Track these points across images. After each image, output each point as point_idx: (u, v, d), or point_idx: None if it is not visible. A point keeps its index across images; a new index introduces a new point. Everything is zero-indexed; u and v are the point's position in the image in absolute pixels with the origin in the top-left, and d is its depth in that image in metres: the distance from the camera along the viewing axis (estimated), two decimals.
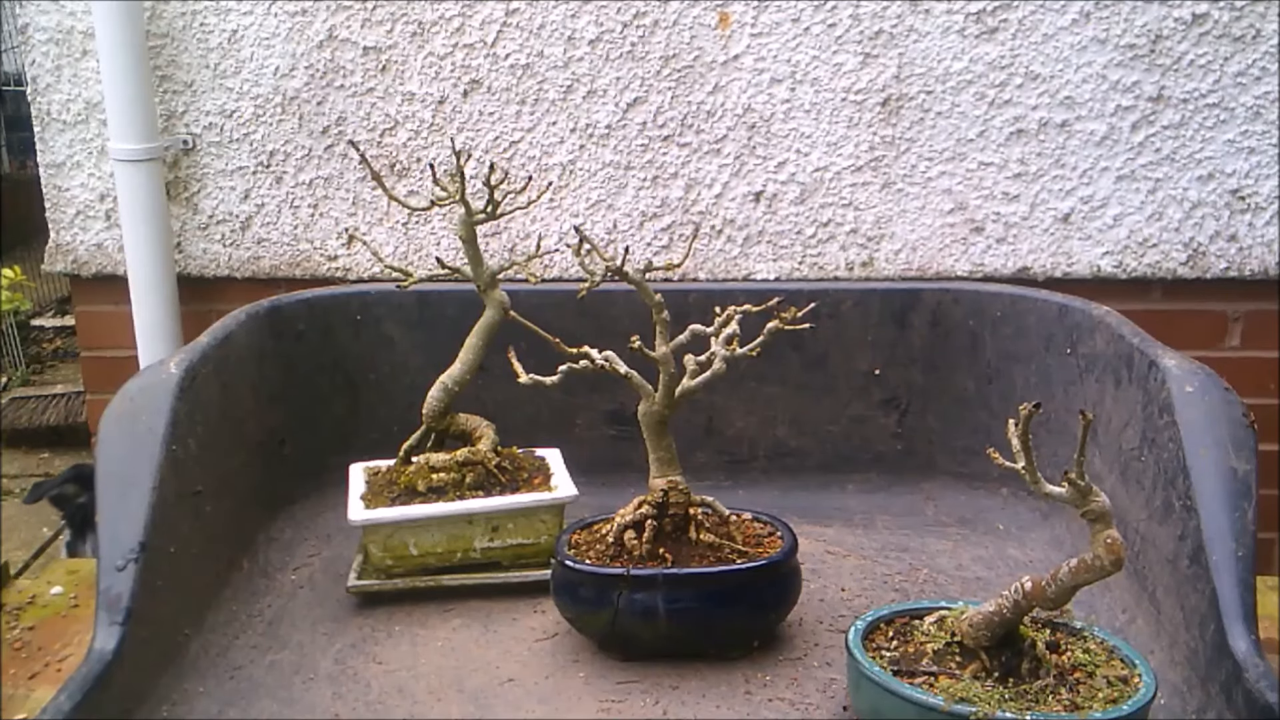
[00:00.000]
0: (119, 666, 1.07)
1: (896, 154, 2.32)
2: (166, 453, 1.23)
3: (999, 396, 1.52)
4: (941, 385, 1.56)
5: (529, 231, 2.39)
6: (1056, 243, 2.33)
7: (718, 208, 2.36)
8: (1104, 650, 1.02)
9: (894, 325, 1.57)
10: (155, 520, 1.17)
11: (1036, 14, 2.23)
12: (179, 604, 1.23)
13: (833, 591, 1.31)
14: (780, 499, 1.51)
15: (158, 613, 1.16)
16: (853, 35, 2.26)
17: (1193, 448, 1.13)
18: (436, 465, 1.31)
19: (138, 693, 1.11)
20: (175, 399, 1.27)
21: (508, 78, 2.33)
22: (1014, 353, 1.52)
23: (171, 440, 1.24)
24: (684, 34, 2.28)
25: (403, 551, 1.29)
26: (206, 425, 1.33)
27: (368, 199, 2.41)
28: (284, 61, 2.34)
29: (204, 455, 1.31)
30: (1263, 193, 2.29)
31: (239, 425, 1.44)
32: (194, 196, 2.44)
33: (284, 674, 1.20)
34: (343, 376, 1.55)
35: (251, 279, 2.47)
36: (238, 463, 1.43)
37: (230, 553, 1.39)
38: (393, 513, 1.29)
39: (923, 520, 1.49)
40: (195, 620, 1.26)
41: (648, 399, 1.15)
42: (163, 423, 1.23)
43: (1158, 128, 2.27)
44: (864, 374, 1.58)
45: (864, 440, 1.59)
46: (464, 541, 1.29)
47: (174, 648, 1.20)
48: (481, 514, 1.29)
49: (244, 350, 1.50)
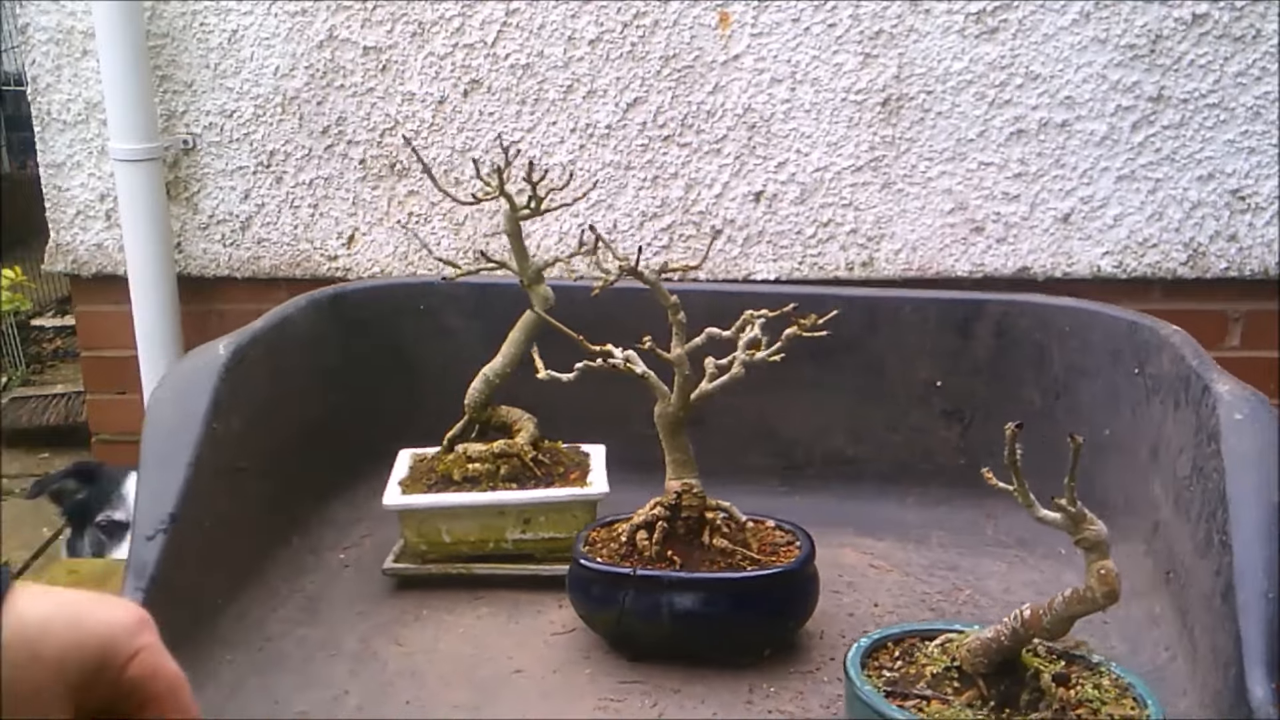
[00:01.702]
0: None
1: (896, 154, 2.32)
2: (206, 430, 1.25)
3: (1065, 412, 1.45)
4: (1006, 398, 1.48)
5: (528, 231, 2.39)
6: (1057, 243, 2.33)
7: (718, 208, 2.36)
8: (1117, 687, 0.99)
9: (956, 335, 1.51)
10: (188, 494, 1.20)
11: (1036, 14, 2.23)
12: (213, 575, 1.26)
13: (865, 607, 1.28)
14: (836, 508, 1.46)
15: (187, 582, 1.19)
16: (853, 35, 2.27)
17: (1234, 478, 1.08)
18: (473, 455, 1.33)
19: None
20: (219, 379, 1.30)
21: (508, 78, 2.33)
22: (1081, 368, 1.46)
23: (213, 419, 1.26)
24: (684, 34, 2.29)
25: (436, 538, 1.31)
26: (254, 406, 1.36)
27: (368, 199, 2.41)
28: (284, 61, 2.34)
29: (249, 434, 1.34)
30: (1263, 193, 2.29)
31: (293, 408, 1.46)
32: (194, 196, 2.44)
33: (309, 649, 1.22)
34: (404, 365, 1.55)
35: (252, 279, 2.47)
36: (290, 444, 1.44)
37: (279, 530, 1.41)
38: (423, 499, 1.30)
39: (980, 539, 1.42)
40: (233, 592, 1.29)
41: (663, 400, 1.14)
42: (205, 402, 1.27)
43: (1158, 128, 2.27)
44: (924, 383, 1.52)
45: (925, 452, 1.52)
46: (496, 532, 1.31)
47: (206, 617, 1.23)
48: (513, 506, 1.30)
49: (303, 335, 1.52)
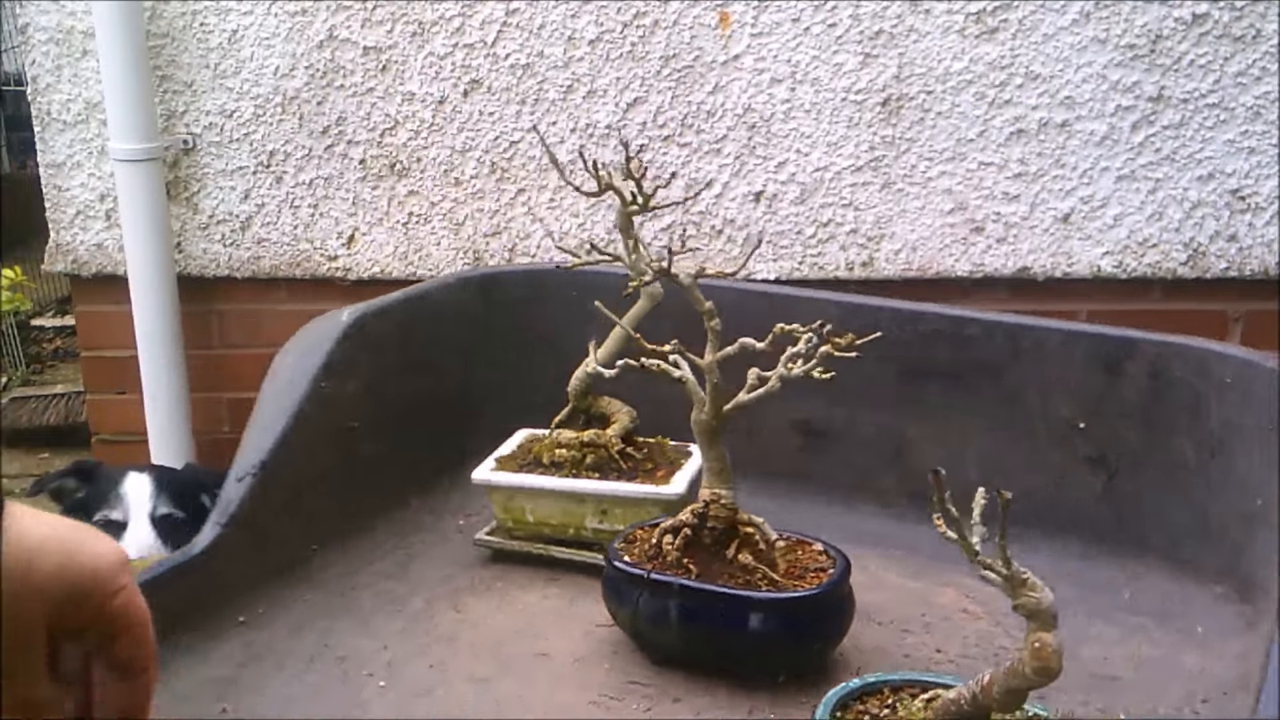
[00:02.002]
0: (208, 560, 1.22)
1: (896, 154, 2.32)
2: (313, 389, 1.34)
3: (1220, 472, 1.30)
4: (1156, 448, 1.34)
5: (528, 231, 2.40)
6: (1056, 243, 2.33)
7: (718, 208, 2.36)
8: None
9: (1104, 373, 1.37)
10: (282, 445, 1.30)
11: (1036, 14, 2.23)
12: (308, 522, 1.34)
13: (926, 651, 1.21)
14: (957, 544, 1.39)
15: (274, 525, 1.28)
16: (853, 35, 2.27)
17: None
18: (562, 441, 1.37)
19: (225, 586, 1.24)
20: (335, 343, 1.39)
21: (508, 78, 2.33)
22: (1239, 425, 1.30)
23: (322, 379, 1.36)
24: (684, 34, 2.28)
25: (521, 517, 1.35)
26: (377, 372, 1.44)
27: (367, 199, 2.41)
28: (284, 61, 2.34)
29: (368, 398, 1.42)
30: (1263, 193, 2.29)
31: (427, 379, 1.53)
32: (194, 196, 2.44)
33: (381, 602, 1.29)
34: (548, 347, 1.58)
35: (252, 279, 2.47)
36: (420, 412, 1.51)
37: (397, 490, 1.48)
38: (504, 477, 1.35)
39: (1109, 602, 1.29)
40: (332, 539, 1.36)
41: (699, 407, 1.13)
42: (316, 362, 1.36)
43: (1158, 128, 2.27)
44: (1066, 422, 1.39)
45: (1065, 499, 1.38)
46: (576, 519, 1.34)
47: (296, 559, 1.32)
48: (591, 495, 1.33)
49: (444, 312, 1.58)
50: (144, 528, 2.06)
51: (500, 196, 2.39)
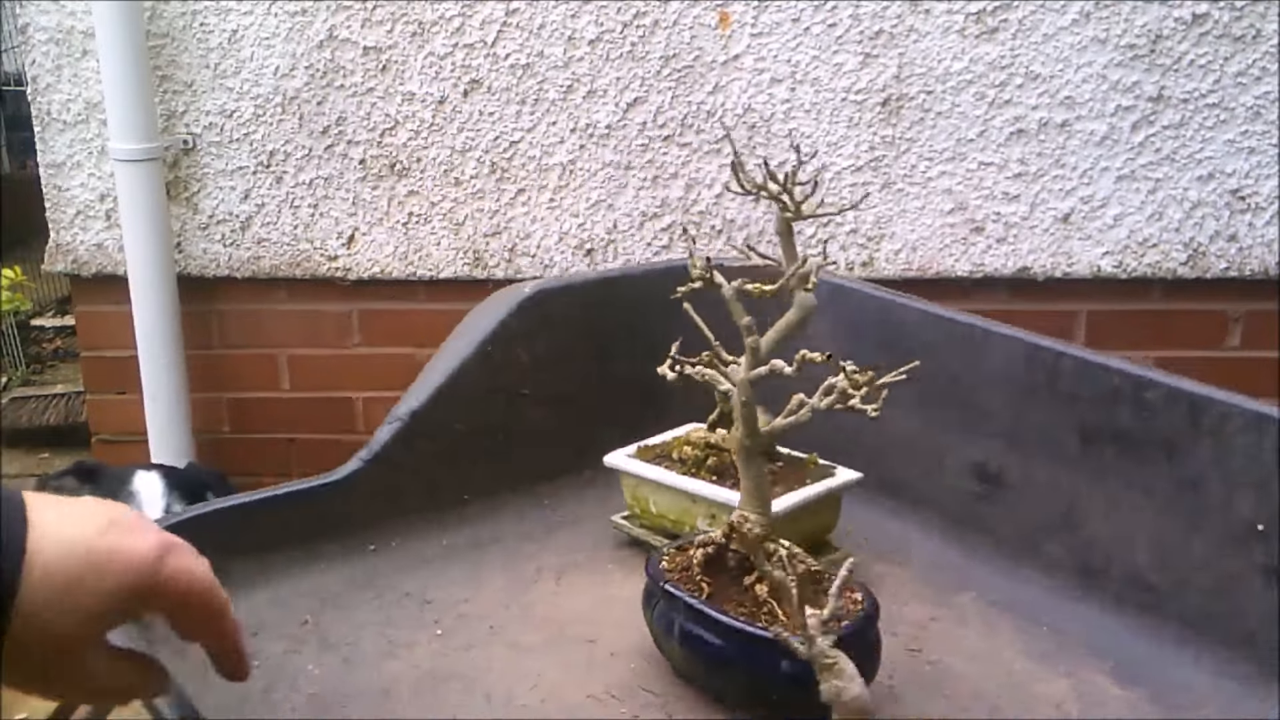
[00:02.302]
0: (346, 489, 1.29)
1: (896, 154, 2.32)
2: (479, 351, 1.40)
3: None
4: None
5: (528, 231, 2.40)
6: (1056, 243, 2.33)
7: (718, 208, 2.37)
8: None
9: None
10: (436, 400, 1.37)
11: (1036, 14, 2.23)
12: (461, 474, 1.40)
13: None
14: (1128, 641, 1.19)
15: (422, 470, 1.36)
16: (853, 35, 2.27)
17: None
18: (692, 439, 1.37)
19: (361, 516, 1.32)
20: (509, 312, 1.44)
21: (508, 78, 2.33)
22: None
23: (489, 343, 1.41)
24: (684, 34, 2.29)
25: (646, 506, 1.36)
26: (554, 346, 1.49)
27: (367, 199, 2.41)
28: (284, 61, 2.34)
29: (542, 368, 1.48)
30: (1263, 193, 2.29)
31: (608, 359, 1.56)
32: (194, 196, 2.44)
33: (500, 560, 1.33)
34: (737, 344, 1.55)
35: (252, 279, 2.47)
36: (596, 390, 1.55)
37: (564, 461, 1.51)
38: (629, 464, 1.36)
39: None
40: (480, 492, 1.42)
41: (735, 423, 1.12)
42: (487, 326, 1.41)
43: (1158, 128, 2.27)
44: (1245, 523, 1.19)
45: (1234, 611, 1.19)
46: (690, 517, 1.33)
47: (444, 506, 1.38)
48: (701, 497, 1.31)
49: (637, 297, 1.58)
50: None
51: (500, 196, 2.39)
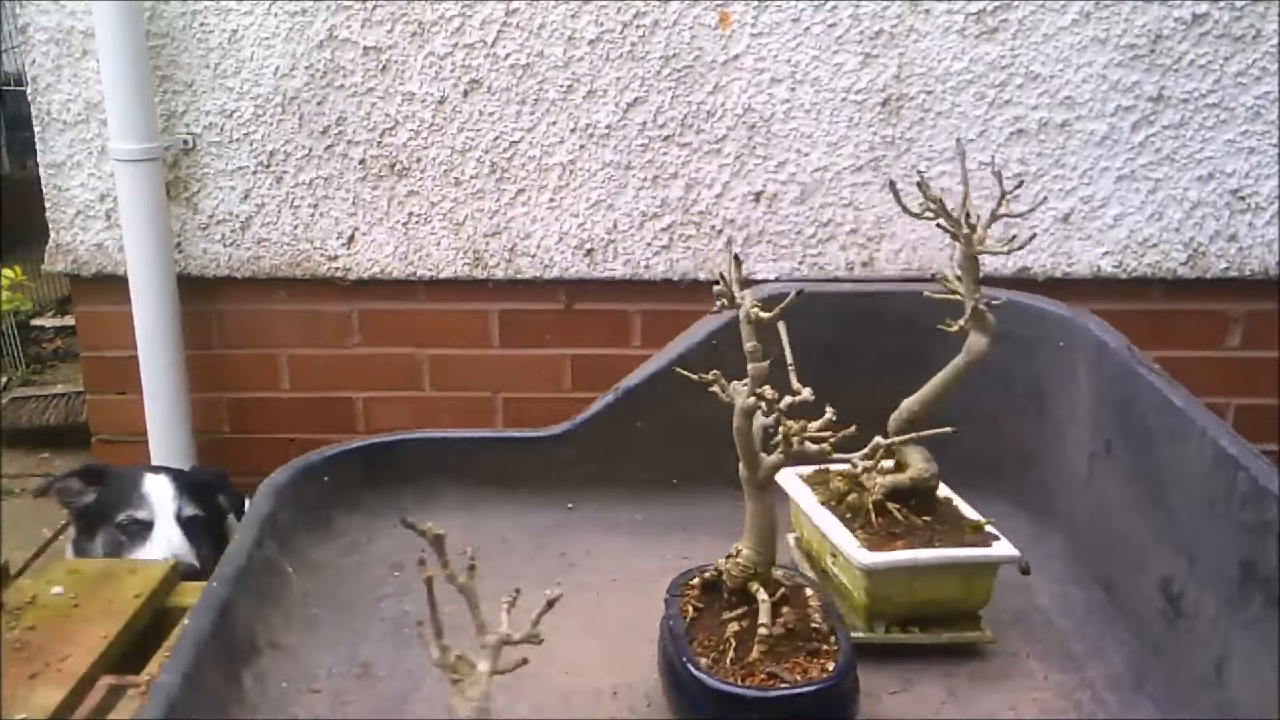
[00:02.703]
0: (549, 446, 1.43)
1: (897, 154, 2.32)
2: (703, 340, 1.45)
3: None
4: None
5: (528, 231, 2.40)
6: (1057, 243, 2.33)
7: (718, 208, 2.37)
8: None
9: None
10: (650, 379, 1.44)
11: (1036, 14, 2.23)
12: (659, 453, 1.46)
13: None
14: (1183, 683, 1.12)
15: (623, 441, 1.44)
16: (853, 35, 2.27)
17: None
18: (843, 472, 1.32)
19: (563, 478, 1.42)
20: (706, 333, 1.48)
21: (508, 78, 2.33)
22: None
23: (714, 336, 1.45)
24: (684, 34, 2.29)
25: (800, 527, 1.37)
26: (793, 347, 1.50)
27: (368, 199, 2.41)
28: (284, 61, 2.34)
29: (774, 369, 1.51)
30: (1263, 193, 2.29)
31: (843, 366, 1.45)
32: (194, 196, 2.44)
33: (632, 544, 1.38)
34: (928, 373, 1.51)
35: (252, 279, 2.47)
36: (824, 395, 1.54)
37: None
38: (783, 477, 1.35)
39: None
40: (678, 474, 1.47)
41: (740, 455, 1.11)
42: (721, 319, 1.44)
43: (1158, 128, 2.27)
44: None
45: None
46: (823, 550, 1.29)
47: (635, 484, 1.45)
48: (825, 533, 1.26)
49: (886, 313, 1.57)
50: (171, 528, 2.07)
51: (500, 196, 2.39)
